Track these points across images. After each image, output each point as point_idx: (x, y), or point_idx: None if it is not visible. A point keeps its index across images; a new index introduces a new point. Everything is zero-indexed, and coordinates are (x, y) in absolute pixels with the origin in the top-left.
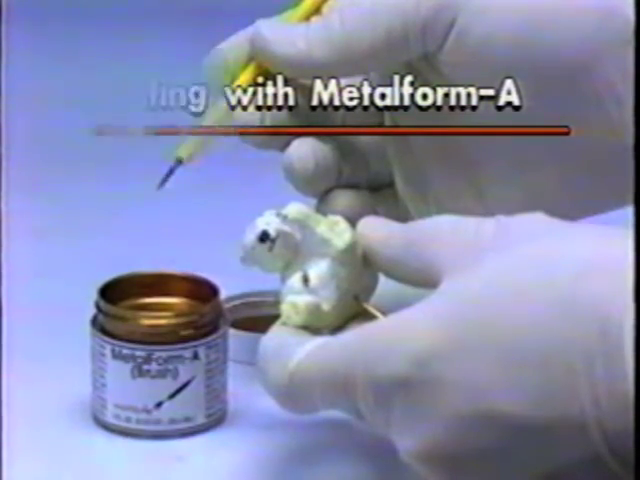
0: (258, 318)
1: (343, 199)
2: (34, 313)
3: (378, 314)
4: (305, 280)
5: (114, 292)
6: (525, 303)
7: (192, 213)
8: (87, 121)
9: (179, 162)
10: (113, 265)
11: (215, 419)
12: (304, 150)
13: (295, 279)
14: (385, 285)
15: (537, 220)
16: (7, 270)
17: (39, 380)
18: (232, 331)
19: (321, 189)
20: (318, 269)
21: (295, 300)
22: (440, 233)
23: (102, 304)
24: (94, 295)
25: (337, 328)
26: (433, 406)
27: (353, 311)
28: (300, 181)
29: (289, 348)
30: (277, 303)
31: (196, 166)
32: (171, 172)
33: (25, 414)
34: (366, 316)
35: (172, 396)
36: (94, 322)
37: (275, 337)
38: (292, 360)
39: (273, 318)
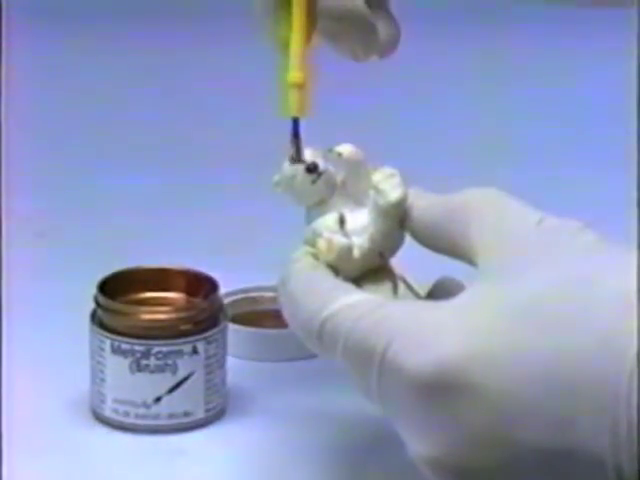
0: (257, 313)
1: None
2: (33, 308)
3: (398, 275)
4: (341, 222)
5: (113, 287)
6: (564, 329)
7: (191, 208)
8: (87, 120)
9: (296, 120)
10: (112, 260)
11: (214, 414)
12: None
13: (330, 218)
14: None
15: (581, 232)
16: (7, 267)
17: (38, 375)
18: (231, 326)
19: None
20: (358, 215)
21: (332, 238)
22: (480, 209)
23: (101, 299)
24: (93, 290)
25: (354, 278)
26: (455, 415)
27: (374, 266)
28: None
29: (326, 293)
30: (307, 241)
31: (195, 162)
32: (297, 134)
33: (24, 409)
34: (384, 274)
35: (171, 391)
36: (93, 317)
37: (308, 273)
38: (327, 307)
39: (273, 313)
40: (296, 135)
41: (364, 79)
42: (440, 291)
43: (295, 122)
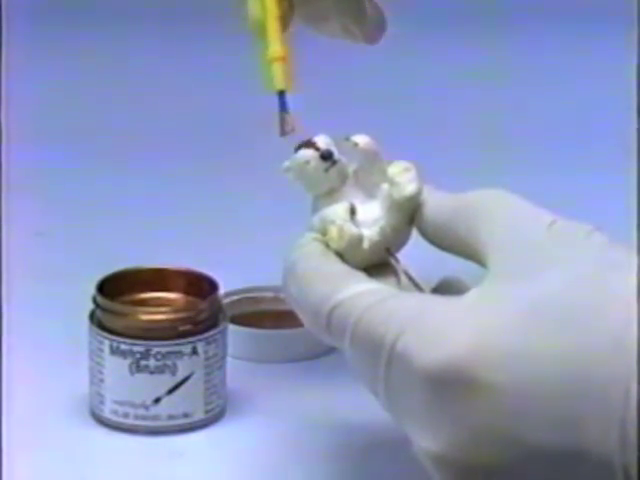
0: (257, 313)
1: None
2: (33, 308)
3: (402, 269)
4: (351, 212)
5: (112, 287)
6: (576, 329)
7: (191, 208)
8: (87, 120)
9: (282, 93)
10: (111, 260)
11: (214, 415)
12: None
13: (341, 207)
14: None
15: (592, 235)
16: (7, 267)
17: (38, 375)
18: (231, 327)
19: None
20: (367, 207)
21: (344, 226)
22: (491, 210)
23: (100, 299)
24: (92, 290)
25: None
26: (463, 411)
27: (378, 261)
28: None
29: (338, 278)
30: (313, 229)
31: (194, 162)
32: (284, 108)
33: (24, 410)
34: (388, 270)
35: (171, 392)
36: (92, 318)
37: (320, 257)
38: (338, 292)
39: (273, 313)
40: (284, 109)
41: (364, 79)
42: (444, 290)
43: (281, 96)
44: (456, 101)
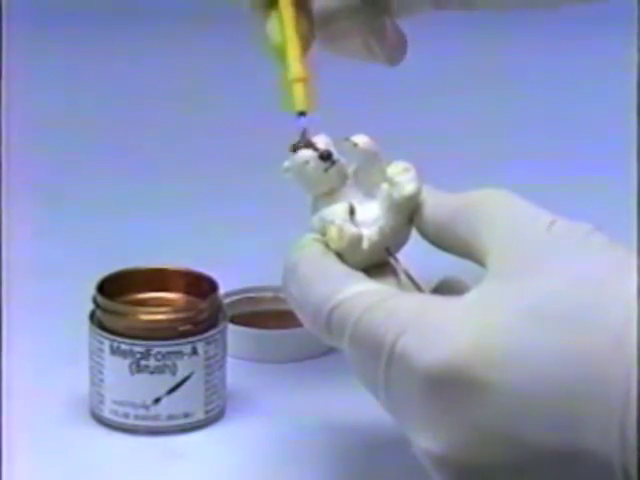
0: (257, 313)
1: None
2: (33, 308)
3: (402, 269)
4: (351, 212)
5: (112, 287)
6: (577, 330)
7: (191, 208)
8: (87, 120)
9: (303, 114)
10: (111, 260)
11: (214, 415)
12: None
13: (340, 207)
14: None
15: (591, 235)
16: (7, 266)
17: (38, 375)
18: (231, 326)
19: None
20: (367, 207)
21: (343, 226)
22: (491, 210)
23: (100, 299)
24: (92, 290)
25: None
26: (464, 412)
27: (378, 261)
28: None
29: (338, 279)
30: (314, 229)
31: (194, 162)
32: (305, 129)
33: (23, 409)
34: (388, 270)
35: (171, 392)
36: (92, 318)
37: (320, 258)
38: (338, 293)
39: (273, 313)
40: (304, 130)
41: (365, 81)
42: (444, 290)
43: (301, 117)
44: (456, 101)
